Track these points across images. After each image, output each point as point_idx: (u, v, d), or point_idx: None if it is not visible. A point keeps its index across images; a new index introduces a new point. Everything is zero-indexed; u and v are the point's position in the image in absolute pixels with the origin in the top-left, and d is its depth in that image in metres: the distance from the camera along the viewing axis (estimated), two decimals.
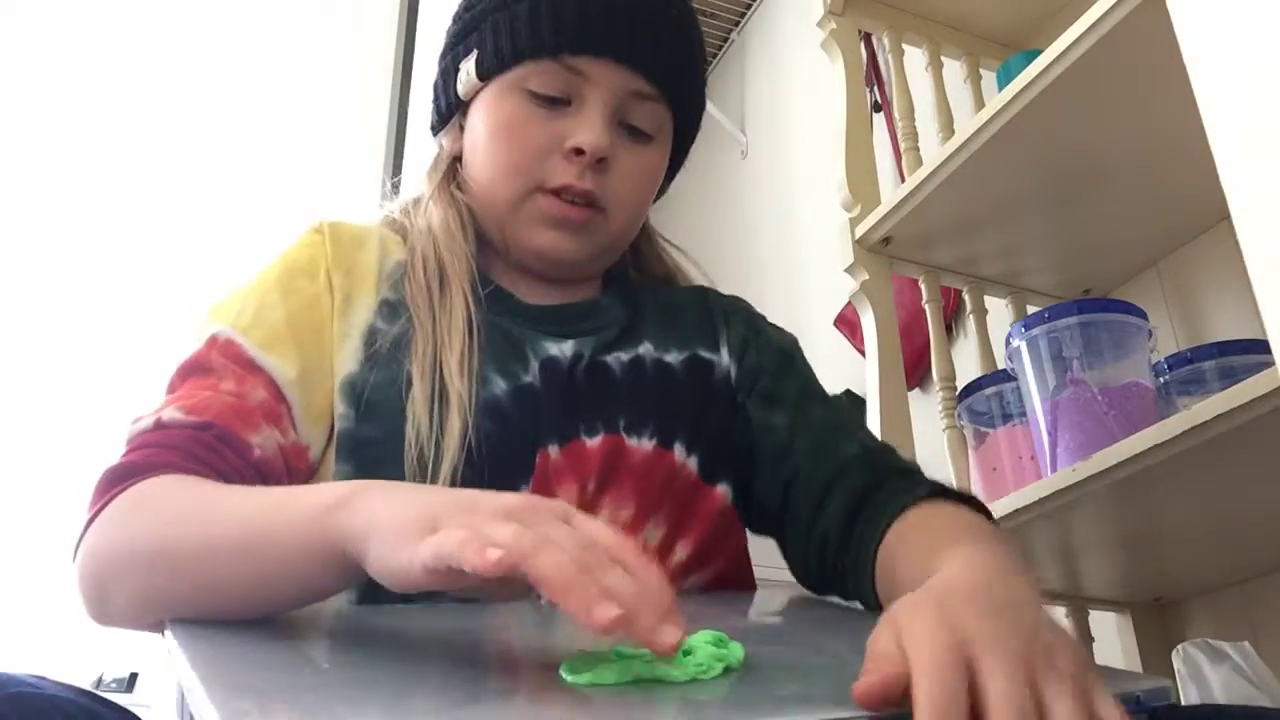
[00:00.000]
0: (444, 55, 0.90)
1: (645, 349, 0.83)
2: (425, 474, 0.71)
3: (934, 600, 0.47)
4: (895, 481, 0.74)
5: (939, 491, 0.72)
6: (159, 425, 0.70)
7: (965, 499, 0.72)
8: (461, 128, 0.88)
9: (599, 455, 0.77)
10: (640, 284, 0.92)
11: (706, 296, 0.92)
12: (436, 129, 0.92)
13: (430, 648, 0.58)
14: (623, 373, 0.81)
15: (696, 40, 0.90)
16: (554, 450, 0.76)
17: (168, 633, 0.56)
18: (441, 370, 0.75)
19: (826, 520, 0.75)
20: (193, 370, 0.74)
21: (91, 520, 0.65)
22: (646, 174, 0.86)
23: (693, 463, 0.80)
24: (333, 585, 0.57)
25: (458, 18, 0.89)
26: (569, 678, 0.46)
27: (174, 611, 0.59)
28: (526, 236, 0.83)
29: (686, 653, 0.48)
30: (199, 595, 0.59)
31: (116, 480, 0.66)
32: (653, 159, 0.86)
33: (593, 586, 0.45)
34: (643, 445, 0.78)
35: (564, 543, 0.47)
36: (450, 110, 0.89)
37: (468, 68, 0.85)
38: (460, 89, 0.86)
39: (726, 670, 0.48)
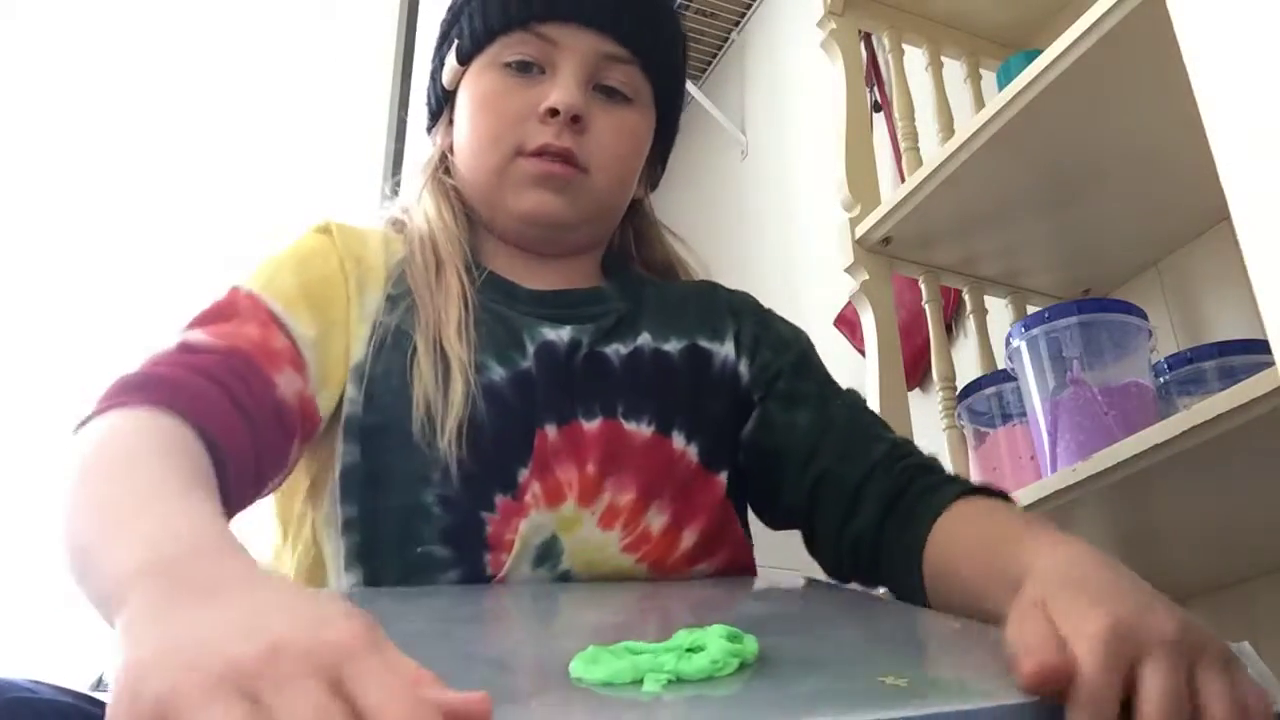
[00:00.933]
0: (432, 59, 0.94)
1: (644, 339, 0.84)
2: (433, 431, 0.73)
3: (1078, 587, 0.48)
4: (923, 480, 0.75)
5: (970, 488, 0.74)
6: (185, 347, 0.68)
7: (994, 493, 0.74)
8: (451, 121, 0.91)
9: (597, 438, 0.78)
10: (641, 277, 0.93)
11: (715, 290, 0.93)
12: (429, 128, 0.95)
13: (436, 640, 0.58)
14: (621, 364, 0.82)
15: (665, 7, 0.92)
16: (551, 430, 0.77)
17: None
18: (441, 340, 0.76)
19: (860, 523, 0.76)
20: (214, 315, 0.73)
21: (90, 417, 0.62)
22: (627, 133, 0.87)
23: (693, 450, 0.81)
24: None
25: (442, 22, 0.93)
26: (582, 675, 0.46)
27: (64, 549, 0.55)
28: (514, 202, 0.84)
29: (699, 649, 0.48)
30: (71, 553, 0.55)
31: (129, 390, 0.63)
32: (632, 119, 0.87)
33: None
34: (641, 430, 0.79)
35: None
36: (439, 105, 0.93)
37: (450, 59, 0.89)
38: (445, 79, 0.90)
39: (741, 666, 0.48)
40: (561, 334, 0.81)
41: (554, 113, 0.82)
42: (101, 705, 0.55)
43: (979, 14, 1.51)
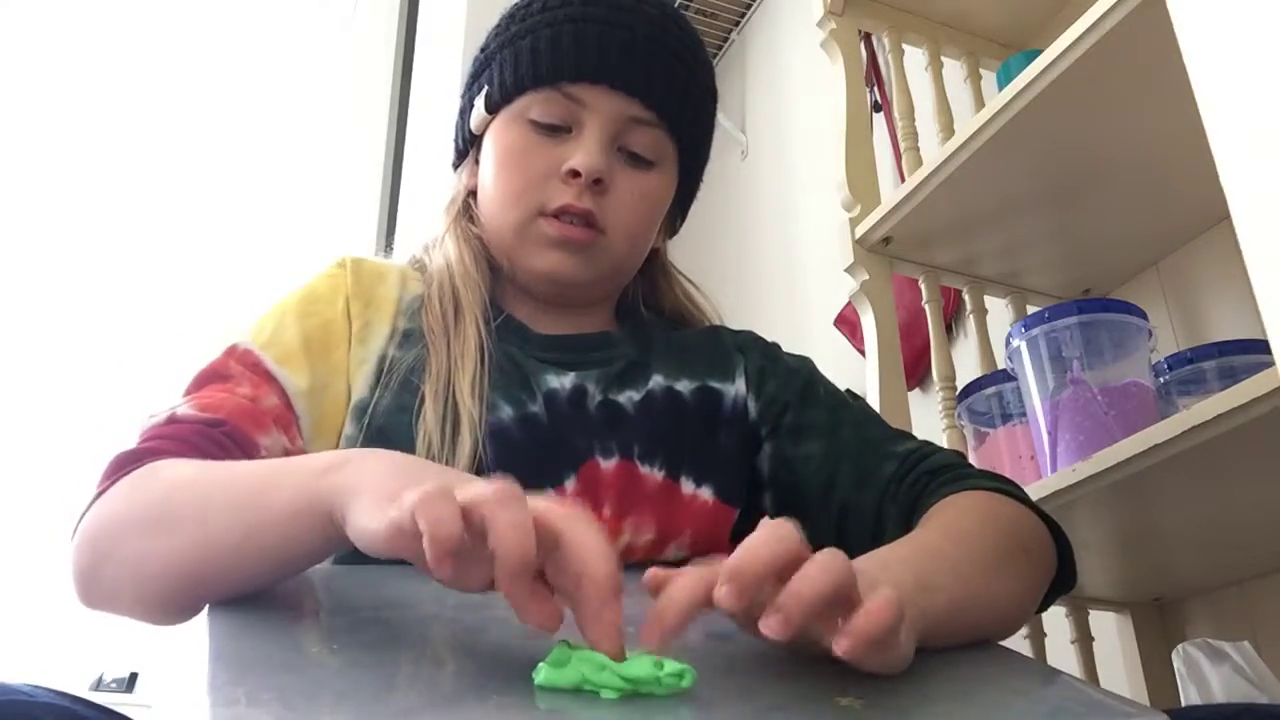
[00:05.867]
0: (461, 95, 0.94)
1: (655, 381, 0.85)
2: None
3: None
4: (931, 492, 0.76)
5: (968, 483, 0.74)
6: (172, 420, 0.72)
7: (991, 484, 0.75)
8: (477, 162, 0.91)
9: (614, 479, 0.79)
10: (652, 323, 0.93)
11: (718, 333, 0.94)
12: (455, 165, 0.96)
13: (437, 623, 0.59)
14: (635, 409, 0.83)
15: (697, 66, 0.91)
16: (570, 481, 0.78)
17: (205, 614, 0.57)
18: (453, 392, 0.77)
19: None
20: (210, 377, 0.77)
21: (94, 500, 0.67)
22: (647, 198, 0.87)
23: (705, 492, 0.82)
24: (319, 548, 0.59)
25: (474, 60, 0.93)
26: (537, 678, 0.47)
27: (162, 577, 0.60)
28: (532, 260, 0.85)
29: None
30: (190, 556, 0.60)
31: (124, 464, 0.68)
32: (654, 184, 0.88)
33: (532, 584, 0.48)
34: (654, 474, 0.80)
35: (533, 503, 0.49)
36: (466, 146, 0.93)
37: (479, 104, 0.89)
38: (472, 123, 0.90)
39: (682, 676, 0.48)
40: (565, 380, 0.82)
41: (576, 174, 0.82)
42: (98, 708, 0.56)
43: (979, 14, 1.51)
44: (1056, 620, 1.32)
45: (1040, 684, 0.59)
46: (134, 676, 2.08)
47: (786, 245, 2.33)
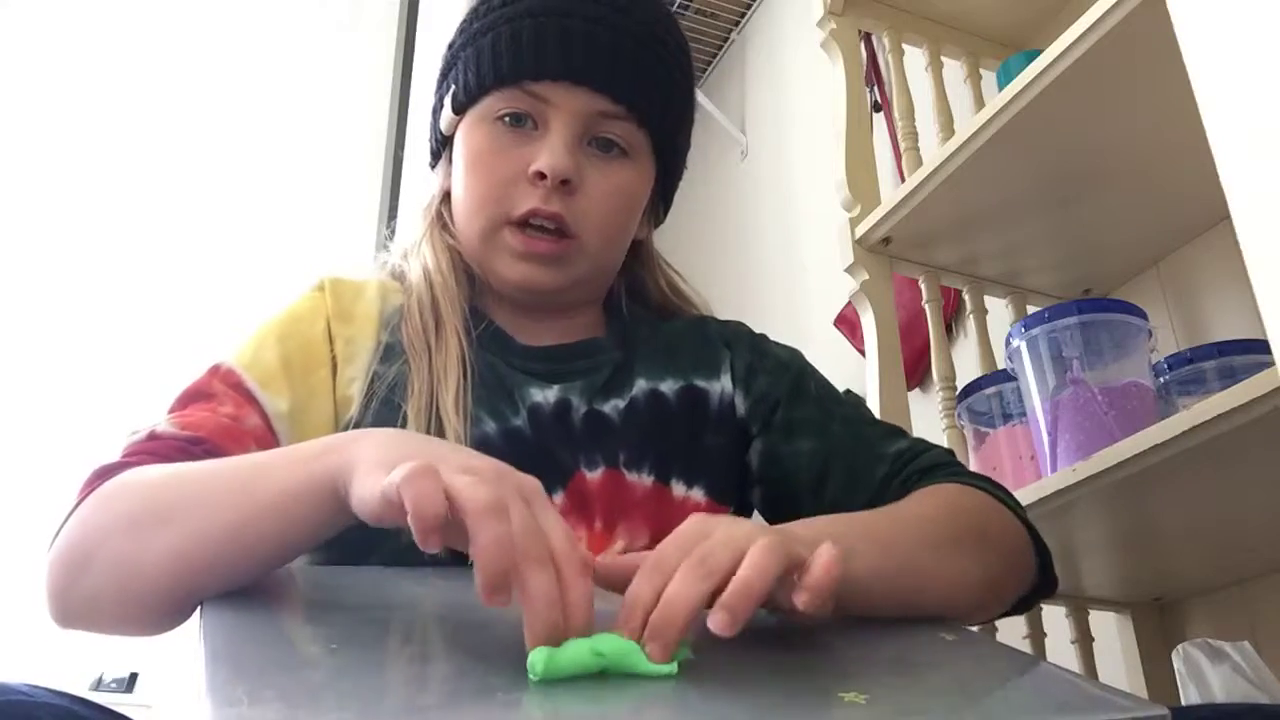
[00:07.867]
0: (434, 93, 0.93)
1: (639, 386, 0.84)
2: None
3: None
4: (920, 486, 0.76)
5: (950, 478, 0.75)
6: (152, 436, 0.72)
7: (970, 479, 0.76)
8: (451, 161, 0.90)
9: (601, 490, 0.78)
10: (638, 317, 0.92)
11: (705, 324, 0.93)
12: (432, 164, 0.94)
13: (433, 622, 0.59)
14: (620, 418, 0.82)
15: (667, 52, 0.88)
16: (558, 495, 0.77)
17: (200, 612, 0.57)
18: (437, 408, 0.76)
19: None
20: (194, 396, 0.77)
21: (70, 513, 0.66)
22: (619, 192, 0.85)
23: (697, 493, 0.81)
24: (319, 527, 0.59)
25: (442, 57, 0.92)
26: (535, 671, 0.47)
27: (152, 575, 0.60)
28: (502, 270, 0.84)
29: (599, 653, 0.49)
30: (183, 548, 0.59)
31: (101, 476, 0.67)
32: (626, 177, 0.85)
33: (510, 580, 0.49)
34: (642, 481, 0.80)
35: (513, 518, 0.50)
36: (439, 145, 0.92)
37: (447, 104, 0.88)
38: (442, 125, 0.89)
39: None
40: (548, 394, 0.81)
41: (542, 176, 0.80)
42: (98, 708, 0.56)
43: (979, 14, 1.51)
44: (1056, 620, 1.32)
45: (1045, 680, 0.59)
46: (134, 676, 2.08)
47: (786, 245, 2.33)
